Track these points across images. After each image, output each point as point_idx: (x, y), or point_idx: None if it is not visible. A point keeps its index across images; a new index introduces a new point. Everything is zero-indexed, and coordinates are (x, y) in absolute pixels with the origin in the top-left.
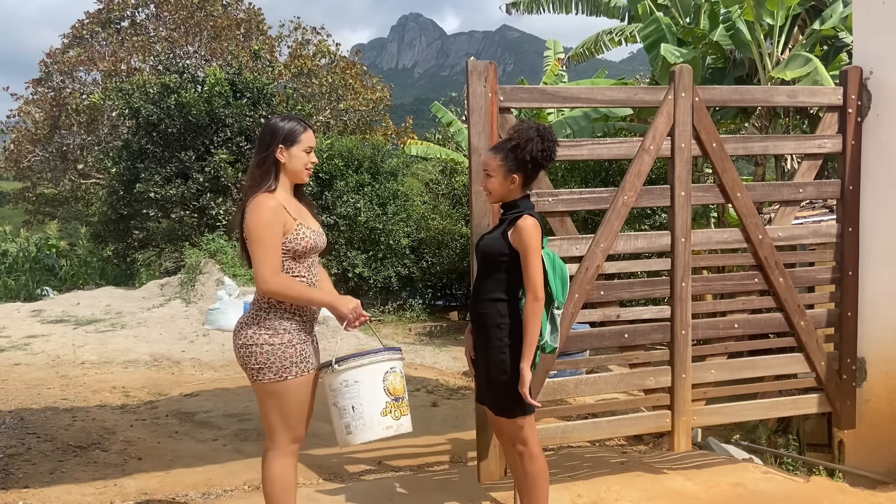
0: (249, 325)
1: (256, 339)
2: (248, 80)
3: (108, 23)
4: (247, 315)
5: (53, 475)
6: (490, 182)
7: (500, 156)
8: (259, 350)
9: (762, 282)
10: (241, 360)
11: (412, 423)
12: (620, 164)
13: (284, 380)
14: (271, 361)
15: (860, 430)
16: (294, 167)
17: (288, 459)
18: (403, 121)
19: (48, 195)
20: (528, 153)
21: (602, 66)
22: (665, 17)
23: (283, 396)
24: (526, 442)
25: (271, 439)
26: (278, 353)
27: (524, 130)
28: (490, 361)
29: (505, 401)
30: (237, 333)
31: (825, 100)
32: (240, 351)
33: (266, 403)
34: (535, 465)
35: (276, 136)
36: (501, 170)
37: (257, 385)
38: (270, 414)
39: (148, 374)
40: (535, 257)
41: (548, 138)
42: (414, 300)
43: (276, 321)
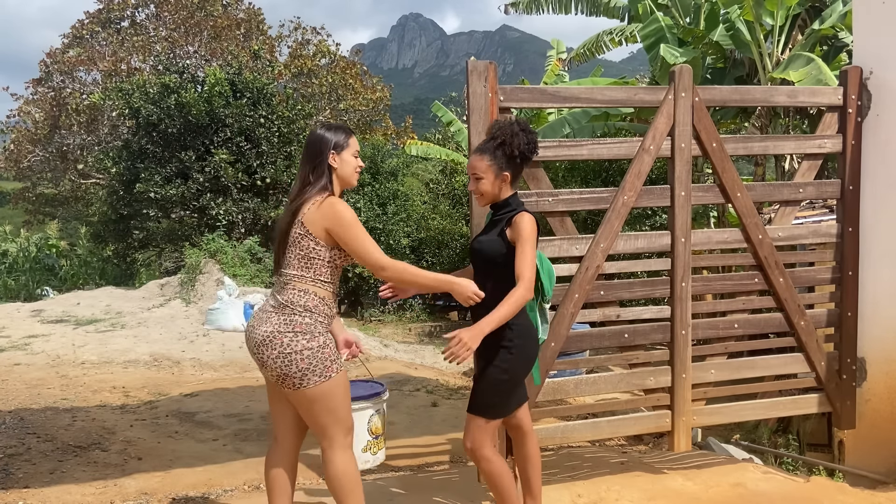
0: (283, 333)
1: (294, 345)
2: (248, 80)
3: (108, 23)
4: (275, 322)
5: (53, 475)
6: (481, 184)
7: (488, 156)
8: (300, 357)
9: (762, 282)
10: (277, 370)
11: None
12: (620, 164)
13: (329, 379)
14: (314, 365)
15: (860, 430)
16: (345, 171)
17: (348, 452)
18: (403, 121)
19: (48, 195)
20: (517, 148)
21: (602, 66)
22: (665, 17)
23: (330, 395)
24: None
25: (326, 437)
26: (318, 355)
27: (506, 127)
28: (494, 358)
29: (490, 399)
30: (268, 343)
31: (825, 100)
32: (276, 361)
33: (314, 407)
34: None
35: (326, 143)
36: (491, 170)
37: (300, 392)
38: (321, 416)
39: (148, 374)
40: (529, 248)
41: (529, 131)
42: (414, 300)
43: (311, 325)
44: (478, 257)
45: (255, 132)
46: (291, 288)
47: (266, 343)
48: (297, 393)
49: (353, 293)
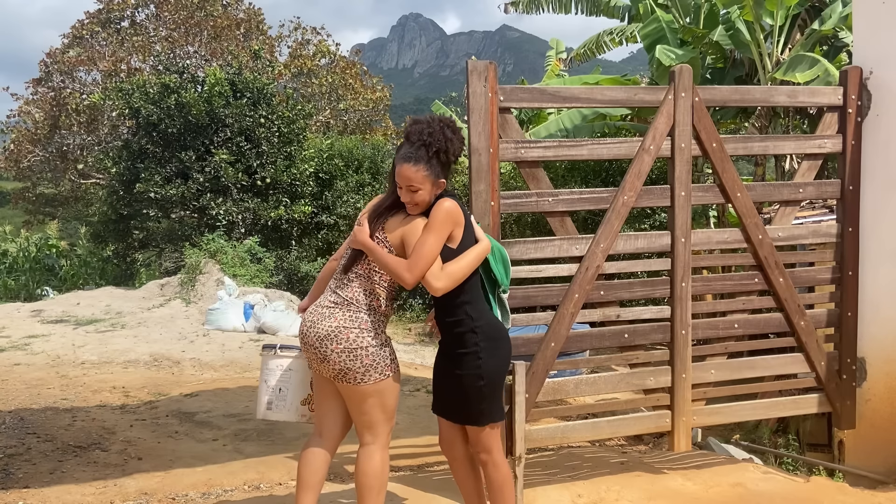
0: (349, 328)
1: (361, 342)
2: (248, 80)
3: (108, 23)
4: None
5: (53, 475)
6: (417, 196)
7: (423, 166)
8: (365, 353)
9: (762, 282)
10: (341, 363)
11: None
12: (620, 164)
13: (387, 377)
14: (377, 362)
15: (860, 430)
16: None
17: (387, 452)
18: (403, 121)
19: (48, 195)
20: (453, 154)
21: (602, 66)
22: (667, 15)
23: (386, 393)
24: (491, 450)
25: (373, 433)
26: (381, 353)
27: (437, 132)
28: (465, 368)
29: (479, 407)
30: (334, 338)
31: (825, 100)
32: (341, 356)
33: (367, 402)
34: (499, 473)
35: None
36: (429, 180)
37: (359, 387)
38: (373, 411)
39: (148, 374)
40: (434, 237)
41: (457, 130)
42: (414, 300)
43: (376, 323)
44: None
45: (256, 132)
46: (357, 287)
47: (332, 337)
48: (355, 388)
49: None
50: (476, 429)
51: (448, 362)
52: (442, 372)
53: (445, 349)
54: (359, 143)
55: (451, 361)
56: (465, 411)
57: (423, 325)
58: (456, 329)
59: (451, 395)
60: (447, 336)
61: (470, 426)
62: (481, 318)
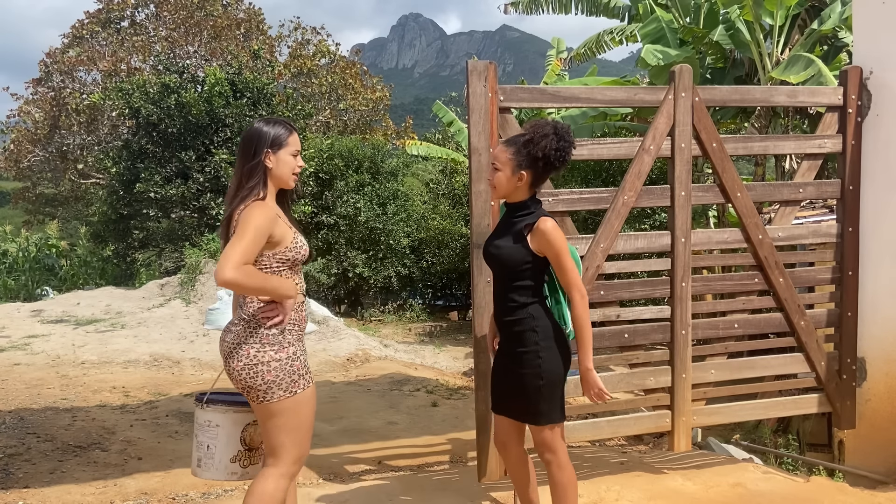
0: (249, 343)
1: (261, 356)
2: (248, 80)
3: (108, 23)
4: (240, 332)
5: (53, 475)
6: (497, 176)
7: (512, 149)
8: (266, 368)
9: (762, 282)
10: (242, 382)
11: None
12: (620, 164)
13: (294, 395)
14: (280, 378)
15: (860, 430)
16: (282, 172)
17: (286, 481)
18: (403, 121)
19: (48, 195)
20: (542, 150)
21: (602, 66)
22: (667, 15)
23: (293, 412)
24: (555, 450)
25: (275, 457)
26: (286, 367)
27: (540, 126)
28: (525, 367)
29: (538, 407)
30: (233, 354)
31: (825, 100)
32: (241, 373)
33: (273, 423)
34: (563, 474)
35: (262, 141)
36: (511, 164)
37: (264, 406)
38: (278, 433)
39: (148, 374)
40: (567, 259)
41: (565, 138)
42: (414, 300)
43: (277, 335)
44: (497, 264)
45: None
46: (250, 301)
47: (232, 354)
48: (260, 407)
49: (353, 293)
50: (537, 429)
51: (508, 360)
52: (502, 370)
53: (505, 347)
54: (359, 143)
55: (511, 359)
56: (525, 410)
57: (423, 325)
58: (516, 328)
59: (511, 393)
60: (506, 335)
61: (532, 426)
62: (542, 317)
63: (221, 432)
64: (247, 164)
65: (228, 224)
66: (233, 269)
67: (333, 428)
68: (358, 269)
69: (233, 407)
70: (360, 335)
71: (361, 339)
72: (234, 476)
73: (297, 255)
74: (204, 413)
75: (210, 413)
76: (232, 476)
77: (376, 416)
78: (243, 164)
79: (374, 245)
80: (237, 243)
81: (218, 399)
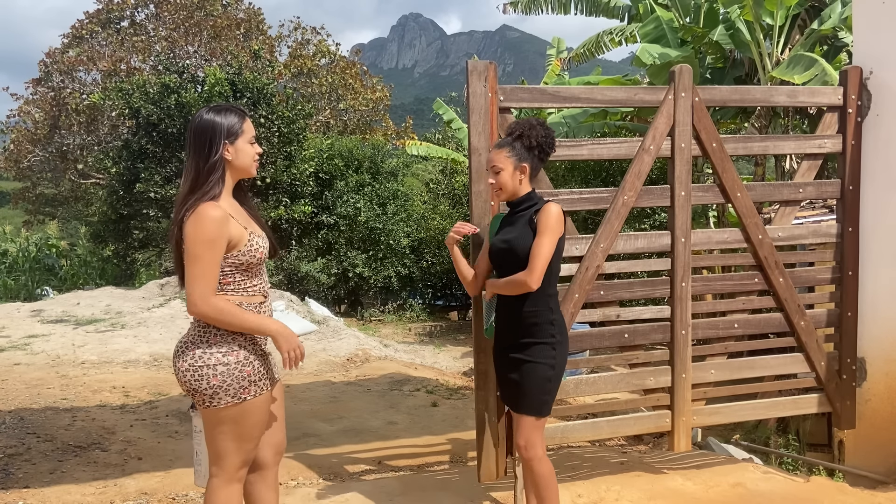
0: (196, 345)
1: (207, 359)
2: (248, 80)
3: (107, 23)
4: (190, 333)
5: (53, 475)
6: (500, 177)
7: (506, 149)
8: (212, 372)
9: (762, 282)
10: (187, 384)
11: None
12: (620, 164)
13: (243, 401)
14: (227, 383)
15: (860, 430)
16: (242, 163)
17: (235, 486)
18: (403, 121)
19: (48, 195)
20: (535, 139)
21: (602, 66)
22: (667, 15)
23: (240, 420)
24: (536, 444)
25: (218, 465)
26: (234, 372)
27: (523, 122)
28: (539, 357)
29: (543, 398)
30: (180, 354)
31: (825, 100)
32: (185, 375)
33: (218, 429)
34: (544, 466)
35: (218, 133)
36: (510, 161)
37: (210, 411)
38: (222, 440)
39: (148, 374)
40: (549, 239)
41: (547, 126)
42: (414, 300)
43: (227, 336)
44: (506, 256)
45: (256, 132)
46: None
47: (178, 353)
48: (206, 412)
49: (353, 293)
50: (529, 421)
51: (516, 352)
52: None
53: (513, 340)
54: (359, 143)
55: (519, 350)
56: (527, 400)
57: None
58: (531, 319)
59: (514, 383)
60: (518, 327)
61: (524, 419)
62: (558, 312)
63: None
64: (203, 160)
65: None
66: (201, 302)
67: (333, 428)
68: (358, 269)
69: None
70: (360, 335)
71: (361, 339)
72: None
73: (251, 258)
74: (194, 419)
75: (196, 418)
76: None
77: (376, 416)
78: (199, 161)
79: (374, 245)
80: (193, 271)
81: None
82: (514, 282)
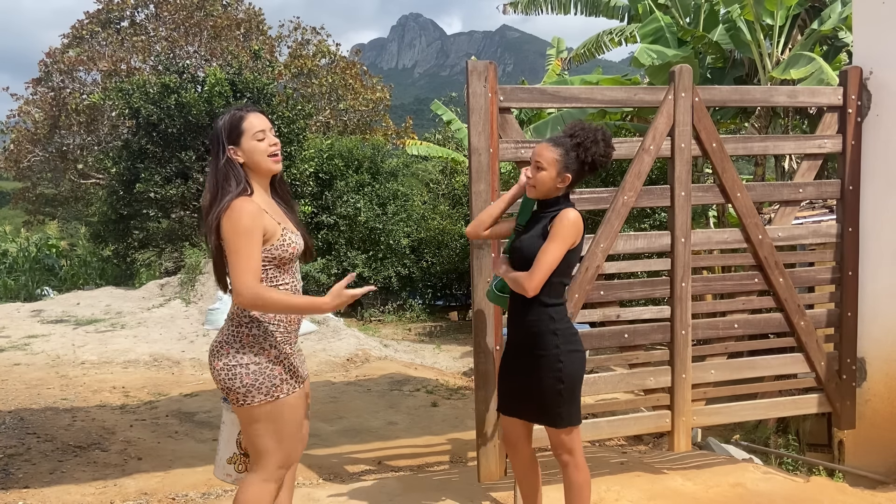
0: (230, 344)
1: (240, 358)
2: (249, 80)
3: (107, 23)
4: (224, 332)
5: (53, 475)
6: (540, 175)
7: (561, 150)
8: (245, 371)
9: (762, 282)
10: (222, 383)
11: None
12: (620, 164)
13: (276, 399)
14: (260, 382)
15: (860, 430)
16: (255, 160)
17: (270, 486)
18: (403, 121)
19: (48, 195)
20: (592, 155)
21: (602, 66)
22: (666, 17)
23: (275, 418)
24: (573, 451)
25: (258, 463)
26: (266, 371)
27: (591, 131)
28: (544, 370)
29: (558, 410)
30: (215, 354)
31: (825, 100)
32: (220, 373)
33: (254, 428)
34: (580, 475)
35: (219, 138)
36: (557, 165)
37: (244, 409)
38: (261, 439)
39: (148, 374)
40: (556, 247)
41: (609, 144)
42: (414, 300)
43: (260, 336)
44: (518, 257)
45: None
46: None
47: (214, 352)
48: (240, 410)
49: None
50: (556, 431)
51: (523, 362)
52: (515, 372)
53: (518, 350)
54: (359, 143)
55: (527, 362)
56: (544, 413)
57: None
58: (533, 329)
59: (526, 396)
60: (520, 336)
61: (549, 428)
62: (563, 320)
63: (224, 430)
64: (214, 166)
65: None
66: (248, 293)
67: (333, 428)
68: (358, 269)
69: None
70: (360, 335)
71: (361, 339)
72: (227, 478)
73: (283, 252)
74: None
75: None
76: (226, 478)
77: (376, 416)
78: (213, 168)
79: (374, 245)
80: (237, 264)
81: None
82: (516, 279)
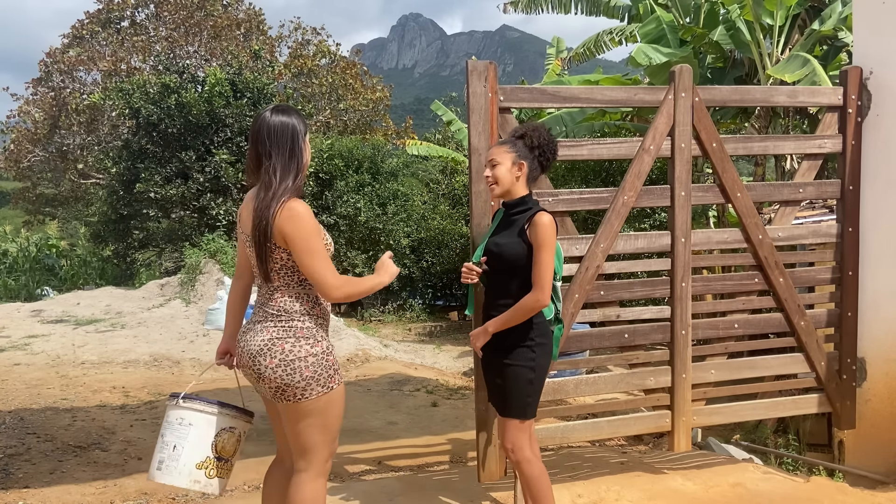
0: (283, 340)
1: (298, 352)
2: (249, 80)
3: (108, 23)
4: (270, 330)
5: (53, 475)
6: (497, 170)
7: (507, 145)
8: (304, 364)
9: (762, 282)
10: (278, 380)
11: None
12: (620, 164)
13: (331, 390)
14: (318, 373)
15: (860, 430)
16: (307, 160)
17: (322, 481)
18: (403, 121)
19: (48, 195)
20: (537, 139)
21: (602, 66)
22: (667, 15)
23: (328, 409)
24: (523, 446)
25: (307, 459)
26: (323, 362)
27: (528, 124)
28: (519, 360)
29: (526, 400)
30: (267, 352)
31: (825, 100)
32: (276, 371)
33: (307, 421)
34: (534, 467)
35: (299, 131)
36: (509, 156)
37: (302, 404)
38: (311, 432)
39: (148, 374)
40: (547, 256)
41: (550, 133)
42: (414, 300)
43: (313, 329)
44: (498, 260)
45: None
46: (282, 296)
47: (264, 352)
48: (296, 406)
49: None
50: (514, 424)
51: (499, 354)
52: (490, 366)
53: (495, 343)
54: (359, 143)
55: (501, 353)
56: (510, 403)
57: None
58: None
59: (498, 386)
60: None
61: (509, 422)
62: (539, 315)
63: (193, 432)
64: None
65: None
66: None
67: None
68: (358, 270)
69: (210, 407)
70: (360, 335)
71: (361, 339)
72: (195, 484)
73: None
74: (177, 410)
75: (184, 410)
76: (194, 484)
77: (376, 416)
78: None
79: (374, 245)
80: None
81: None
82: (523, 307)
